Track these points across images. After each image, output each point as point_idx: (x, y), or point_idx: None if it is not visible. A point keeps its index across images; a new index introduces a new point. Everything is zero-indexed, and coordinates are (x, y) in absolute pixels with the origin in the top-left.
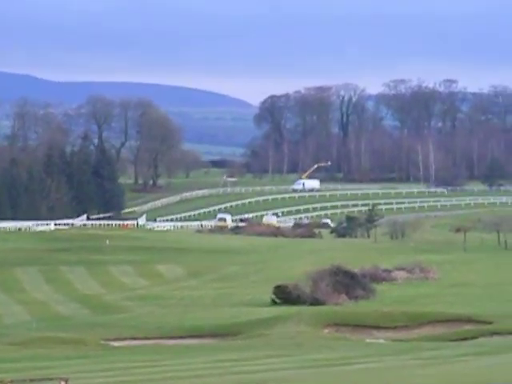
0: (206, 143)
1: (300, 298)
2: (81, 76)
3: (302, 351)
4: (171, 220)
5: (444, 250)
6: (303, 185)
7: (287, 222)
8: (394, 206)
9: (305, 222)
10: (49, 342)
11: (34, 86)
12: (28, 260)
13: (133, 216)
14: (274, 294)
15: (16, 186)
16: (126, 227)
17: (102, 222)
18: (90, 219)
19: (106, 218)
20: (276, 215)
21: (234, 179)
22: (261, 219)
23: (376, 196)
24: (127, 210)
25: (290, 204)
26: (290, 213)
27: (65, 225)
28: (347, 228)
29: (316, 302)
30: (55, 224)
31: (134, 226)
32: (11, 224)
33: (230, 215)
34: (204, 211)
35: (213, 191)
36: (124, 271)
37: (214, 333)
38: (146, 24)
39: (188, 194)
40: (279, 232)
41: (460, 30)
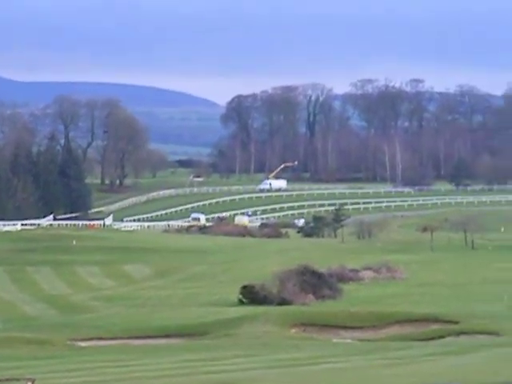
0: (171, 143)
1: (267, 298)
2: (47, 76)
3: (269, 351)
4: (138, 220)
5: (411, 250)
6: (270, 185)
7: (254, 222)
8: (361, 206)
9: (272, 221)
10: (15, 342)
11: (1, 86)
12: None
13: (100, 216)
14: (241, 293)
15: None
16: (92, 227)
17: (69, 222)
18: (56, 219)
19: (72, 218)
20: (255, 214)
21: (200, 179)
22: (229, 219)
23: (343, 196)
24: (94, 210)
25: (256, 204)
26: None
27: (31, 225)
28: (314, 228)
29: (283, 302)
30: (22, 224)
31: (101, 226)
32: None
33: (204, 215)
34: (171, 211)
35: (179, 191)
36: (91, 271)
37: (182, 333)
38: (113, 24)
39: (155, 194)
40: (246, 232)
41: (426, 30)
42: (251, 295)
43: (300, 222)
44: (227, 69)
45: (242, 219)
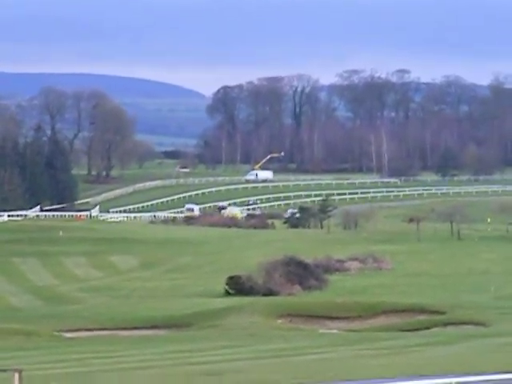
0: (158, 134)
1: (253, 289)
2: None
3: (255, 342)
4: (124, 211)
5: (397, 241)
6: (256, 175)
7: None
8: (347, 197)
9: (258, 212)
10: (2, 333)
11: None
12: None
13: (86, 207)
14: (228, 284)
15: None
16: (79, 218)
17: (56, 214)
18: (43, 210)
19: (59, 210)
20: (256, 203)
21: (187, 170)
22: (214, 210)
23: (329, 186)
24: (80, 202)
25: (243, 195)
26: (243, 203)
27: (18, 216)
28: (300, 219)
29: (269, 293)
30: (8, 215)
31: (88, 217)
32: None
33: (197, 205)
34: (157, 202)
35: (166, 182)
36: (77, 262)
37: (168, 323)
38: (99, 15)
39: (141, 185)
40: (233, 223)
41: (413, 20)
42: (237, 286)
43: (288, 213)
44: (213, 59)
45: (234, 210)
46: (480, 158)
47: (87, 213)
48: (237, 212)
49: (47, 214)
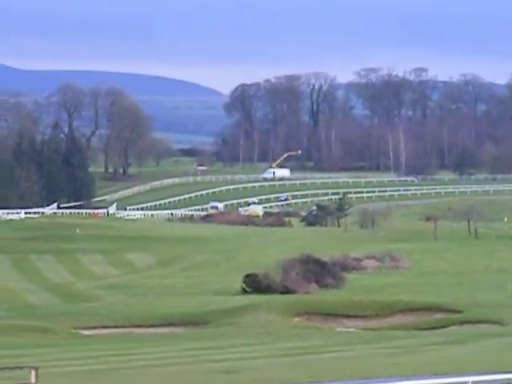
0: (176, 132)
1: (270, 287)
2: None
3: (272, 340)
4: (141, 209)
5: (414, 239)
6: (273, 173)
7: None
8: (364, 195)
9: (275, 210)
10: (19, 330)
11: (5, 75)
12: None
13: (103, 205)
14: (245, 282)
15: None
16: (96, 216)
17: (73, 211)
18: (60, 208)
19: (76, 207)
20: (286, 198)
21: (204, 168)
22: (231, 208)
23: (346, 185)
24: (97, 199)
25: (260, 193)
26: (260, 202)
27: (35, 213)
28: (317, 217)
29: (286, 291)
30: (25, 213)
31: (105, 214)
32: None
33: (221, 203)
34: (174, 200)
35: (183, 180)
36: (94, 260)
37: (185, 321)
38: (117, 12)
39: (158, 183)
40: (249, 221)
41: (430, 18)
42: (254, 284)
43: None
44: (231, 57)
45: (256, 208)
46: (497, 157)
47: (104, 210)
48: (259, 210)
49: (64, 211)
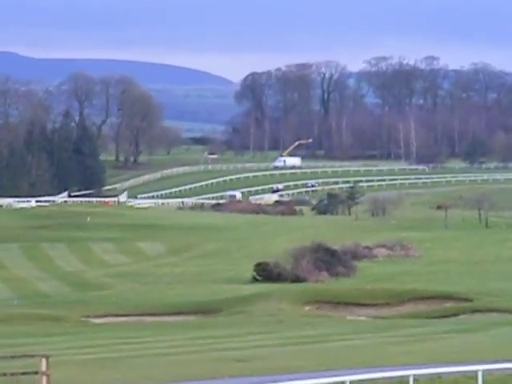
0: (187, 120)
1: (281, 275)
2: (62, 53)
3: (283, 328)
4: (152, 197)
5: (425, 228)
6: (284, 162)
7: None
8: (375, 184)
9: (286, 198)
10: (30, 318)
11: (16, 63)
12: (9, 237)
13: (114, 193)
14: (255, 271)
15: None
16: (107, 204)
17: (83, 199)
18: (71, 196)
19: (87, 195)
20: (313, 185)
21: (215, 156)
22: (243, 196)
23: (357, 173)
24: (108, 187)
25: (271, 181)
26: (271, 190)
27: (46, 202)
28: (328, 205)
29: (297, 279)
30: (36, 201)
31: (115, 203)
32: None
33: (240, 192)
34: (185, 188)
35: (194, 168)
36: (105, 248)
37: (195, 310)
38: (128, 1)
39: (169, 171)
40: (260, 209)
41: (441, 6)
42: (265, 272)
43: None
44: (241, 46)
45: (272, 197)
46: (508, 145)
47: (115, 199)
48: (274, 199)
49: (75, 199)
